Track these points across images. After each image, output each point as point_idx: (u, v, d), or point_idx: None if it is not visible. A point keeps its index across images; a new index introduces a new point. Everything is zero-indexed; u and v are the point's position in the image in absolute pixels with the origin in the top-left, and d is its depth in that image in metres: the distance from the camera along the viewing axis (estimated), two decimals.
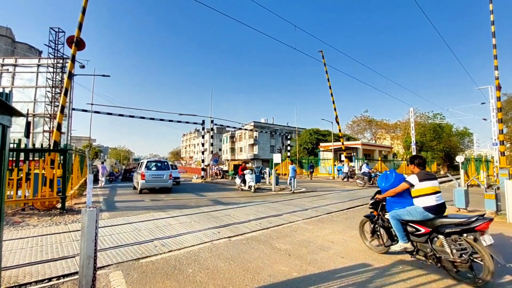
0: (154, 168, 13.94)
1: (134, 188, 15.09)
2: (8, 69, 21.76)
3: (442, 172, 38.06)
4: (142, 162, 14.98)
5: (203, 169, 26.48)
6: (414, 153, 30.39)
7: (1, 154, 2.40)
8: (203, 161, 26.89)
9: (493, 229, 6.31)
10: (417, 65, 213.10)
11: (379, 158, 29.83)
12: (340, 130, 26.90)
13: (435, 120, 42.52)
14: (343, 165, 25.75)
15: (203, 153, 27.20)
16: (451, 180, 18.29)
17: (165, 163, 14.95)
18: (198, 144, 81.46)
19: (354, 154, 31.09)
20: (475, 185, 17.85)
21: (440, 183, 19.86)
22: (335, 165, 28.31)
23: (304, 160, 34.53)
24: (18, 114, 2.63)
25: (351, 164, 25.92)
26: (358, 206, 9.80)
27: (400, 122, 46.78)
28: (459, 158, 18.98)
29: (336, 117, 25.90)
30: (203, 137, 27.70)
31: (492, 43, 11.52)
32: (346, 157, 26.28)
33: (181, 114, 25.44)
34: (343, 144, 26.06)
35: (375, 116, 51.39)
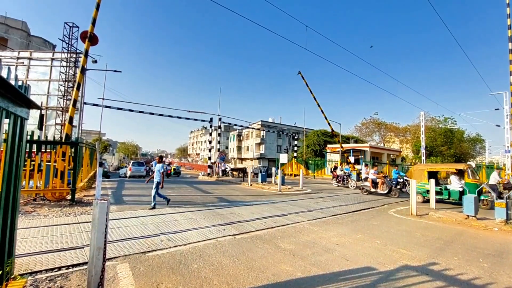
0: (136, 165, 24.27)
1: (125, 176, 24.05)
2: (23, 62, 22.30)
3: None
4: (130, 162, 28.41)
5: (209, 167, 26.65)
6: (423, 158, 29.94)
7: (19, 146, 2.49)
8: (209, 158, 27.06)
9: (504, 239, 6.20)
10: (429, 68, 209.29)
11: (387, 162, 29.46)
12: (336, 135, 26.53)
13: (446, 125, 41.69)
14: (349, 167, 25.29)
15: (210, 150, 27.35)
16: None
17: (142, 162, 26.04)
18: (205, 142, 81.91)
19: (362, 156, 30.77)
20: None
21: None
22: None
23: (310, 161, 34.36)
24: (35, 107, 2.72)
25: (358, 167, 25.53)
26: (364, 209, 9.71)
27: (410, 126, 46.05)
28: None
29: (329, 125, 25.24)
30: (210, 134, 27.85)
31: (508, 47, 11.24)
32: (354, 160, 25.98)
33: (189, 111, 25.74)
34: (341, 147, 25.64)
35: (385, 119, 50.58)
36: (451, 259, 4.57)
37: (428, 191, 11.35)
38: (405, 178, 14.23)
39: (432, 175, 12.12)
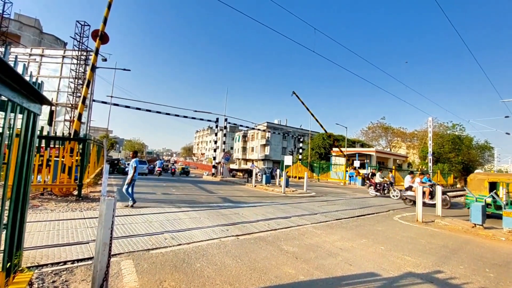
0: (139, 163, 23.33)
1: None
2: (35, 59, 22.77)
3: (458, 186, 36.73)
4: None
5: (214, 167, 26.74)
6: (430, 164, 29.54)
7: (31, 141, 2.54)
8: (214, 158, 27.15)
9: (511, 249, 6.08)
10: (438, 73, 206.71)
11: (393, 167, 29.12)
12: (338, 146, 26.31)
13: (455, 131, 41.09)
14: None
15: (215, 150, 27.44)
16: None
17: (145, 161, 28.22)
18: (210, 141, 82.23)
19: (367, 161, 30.52)
20: None
21: (456, 197, 18.31)
22: (347, 171, 27.90)
23: (315, 164, 34.20)
24: (47, 103, 2.78)
25: (363, 171, 25.32)
26: (369, 214, 9.62)
27: (417, 131, 45.50)
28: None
29: (326, 132, 25.08)
30: (216, 134, 27.97)
31: None
32: (360, 164, 25.77)
33: (195, 111, 25.90)
34: (344, 155, 25.43)
35: (392, 124, 50.06)
36: (457, 268, 4.50)
37: (489, 204, 9.90)
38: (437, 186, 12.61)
39: (493, 185, 10.52)
